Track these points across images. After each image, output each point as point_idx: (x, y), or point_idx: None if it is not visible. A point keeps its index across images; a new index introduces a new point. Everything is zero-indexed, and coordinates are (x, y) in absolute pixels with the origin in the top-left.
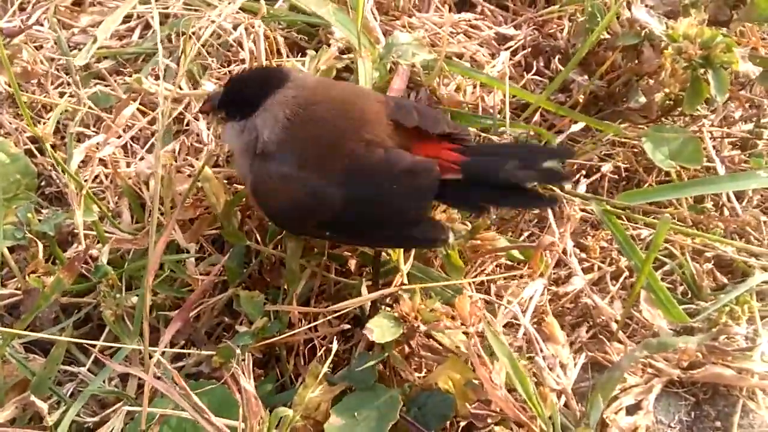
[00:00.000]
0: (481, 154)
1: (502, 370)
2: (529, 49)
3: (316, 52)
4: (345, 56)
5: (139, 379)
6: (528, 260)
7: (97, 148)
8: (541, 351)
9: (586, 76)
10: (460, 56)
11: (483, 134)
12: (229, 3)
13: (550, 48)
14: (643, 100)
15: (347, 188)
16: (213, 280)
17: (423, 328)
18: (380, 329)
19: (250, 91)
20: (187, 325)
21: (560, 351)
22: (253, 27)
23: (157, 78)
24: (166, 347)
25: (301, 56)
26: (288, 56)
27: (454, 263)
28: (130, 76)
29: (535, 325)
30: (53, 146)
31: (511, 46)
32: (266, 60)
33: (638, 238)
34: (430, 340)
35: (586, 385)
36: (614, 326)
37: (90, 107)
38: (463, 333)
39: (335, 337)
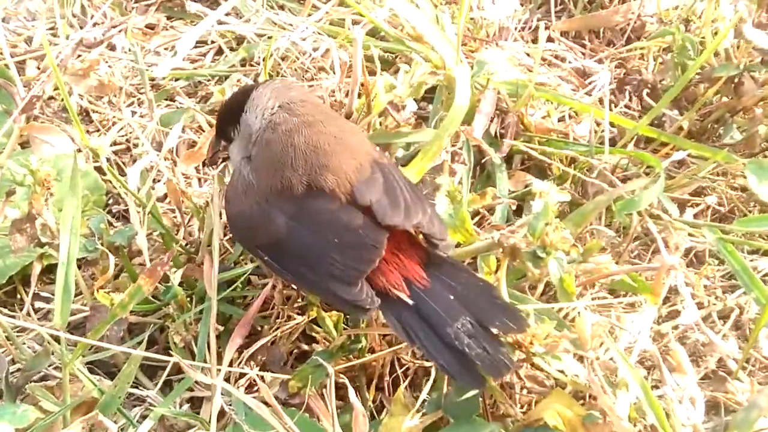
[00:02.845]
0: (441, 287)
1: (627, 402)
2: (615, 84)
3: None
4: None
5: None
6: (635, 290)
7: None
8: (668, 383)
9: (676, 111)
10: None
11: (582, 157)
12: (307, 26)
13: (636, 82)
14: (738, 136)
15: (294, 219)
16: (272, 287)
17: (541, 350)
18: None
19: (231, 108)
20: (263, 349)
21: (688, 382)
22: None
23: None
24: (233, 362)
25: None
26: (381, 73)
27: (566, 288)
28: (203, 98)
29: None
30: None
31: (594, 81)
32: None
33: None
34: (534, 370)
35: (708, 427)
36: (732, 365)
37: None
38: (579, 361)
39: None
